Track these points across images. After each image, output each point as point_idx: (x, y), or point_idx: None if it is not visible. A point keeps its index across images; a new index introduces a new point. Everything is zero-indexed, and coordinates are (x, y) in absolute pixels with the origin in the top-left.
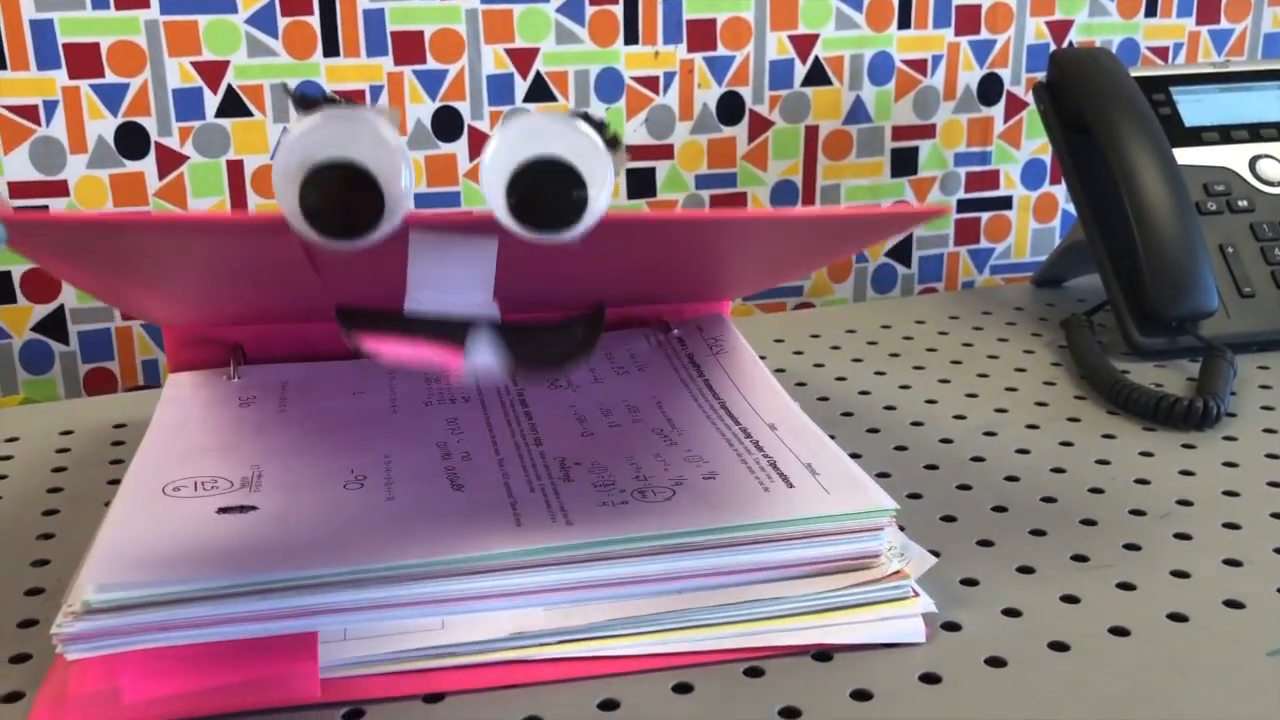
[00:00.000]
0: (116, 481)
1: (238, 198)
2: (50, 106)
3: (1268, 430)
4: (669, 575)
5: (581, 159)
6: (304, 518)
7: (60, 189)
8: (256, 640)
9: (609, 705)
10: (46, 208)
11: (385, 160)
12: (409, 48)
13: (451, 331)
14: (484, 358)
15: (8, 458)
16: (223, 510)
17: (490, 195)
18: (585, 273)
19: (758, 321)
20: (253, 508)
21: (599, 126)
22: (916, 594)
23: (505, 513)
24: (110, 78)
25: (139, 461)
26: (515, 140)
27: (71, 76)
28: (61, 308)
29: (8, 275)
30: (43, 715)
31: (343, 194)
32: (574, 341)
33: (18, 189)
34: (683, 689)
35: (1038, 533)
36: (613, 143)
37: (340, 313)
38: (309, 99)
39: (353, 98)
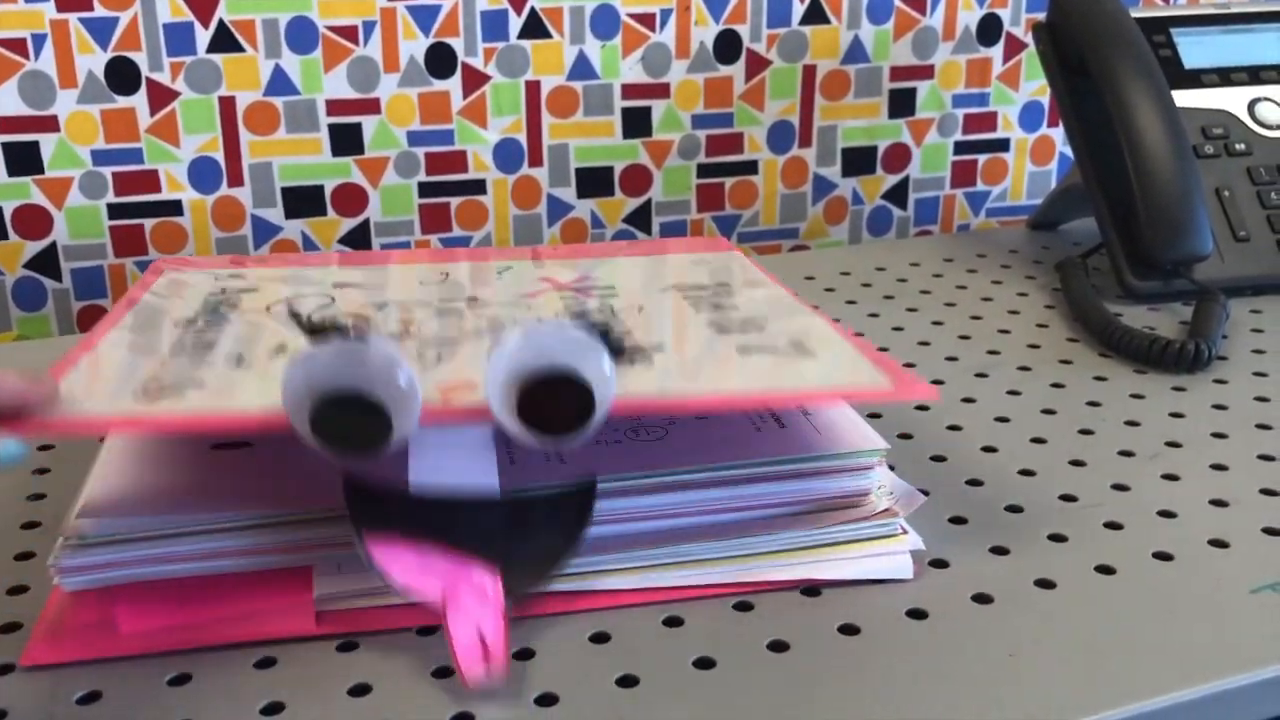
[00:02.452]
0: None
1: (230, 134)
2: (39, 40)
3: (1258, 374)
4: (660, 512)
5: (591, 375)
6: (299, 453)
7: (50, 124)
8: (252, 573)
9: (600, 638)
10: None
11: (395, 396)
12: None
13: (450, 509)
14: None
15: None
16: (218, 446)
17: (495, 403)
18: None
19: None
20: (247, 444)
21: (604, 334)
22: (905, 531)
23: (499, 450)
24: (100, 11)
25: None
26: (525, 353)
27: (60, 9)
28: (54, 244)
29: None
30: (40, 645)
31: (353, 420)
32: (564, 528)
33: (7, 124)
34: (673, 623)
35: (1027, 473)
36: (618, 351)
37: (347, 486)
38: (318, 326)
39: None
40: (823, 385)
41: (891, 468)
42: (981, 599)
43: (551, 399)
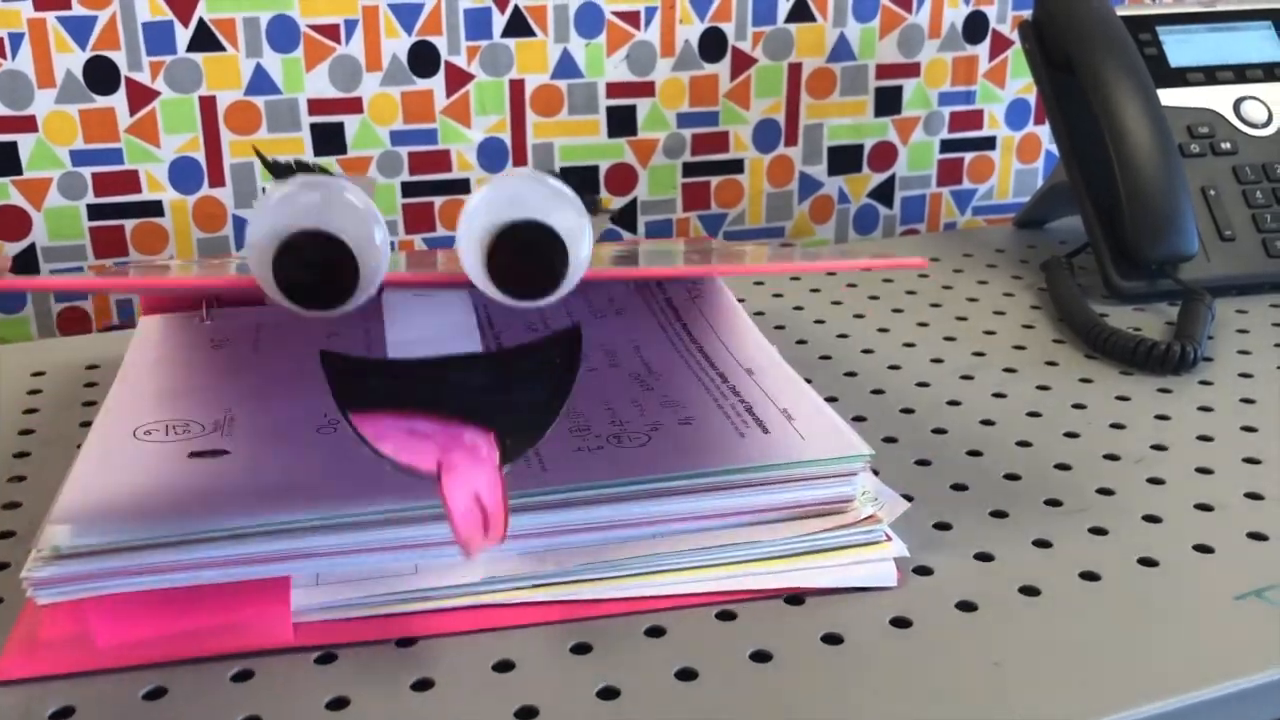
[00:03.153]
0: (89, 423)
1: (210, 134)
2: (16, 39)
3: (1243, 375)
4: (642, 520)
5: (563, 225)
6: (276, 462)
7: (29, 124)
8: (229, 585)
9: (581, 649)
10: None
11: (360, 231)
12: None
13: (434, 377)
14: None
15: None
16: (194, 454)
17: (467, 259)
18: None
19: None
20: (224, 451)
21: (580, 189)
22: (889, 538)
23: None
24: (78, 9)
25: (110, 404)
26: (496, 204)
27: (37, 8)
28: (33, 246)
29: None
30: (14, 659)
31: (318, 264)
32: (552, 376)
33: None
34: (655, 633)
35: (1011, 477)
36: (593, 206)
37: (324, 359)
38: (282, 166)
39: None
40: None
41: (876, 472)
42: (966, 606)
43: (525, 252)
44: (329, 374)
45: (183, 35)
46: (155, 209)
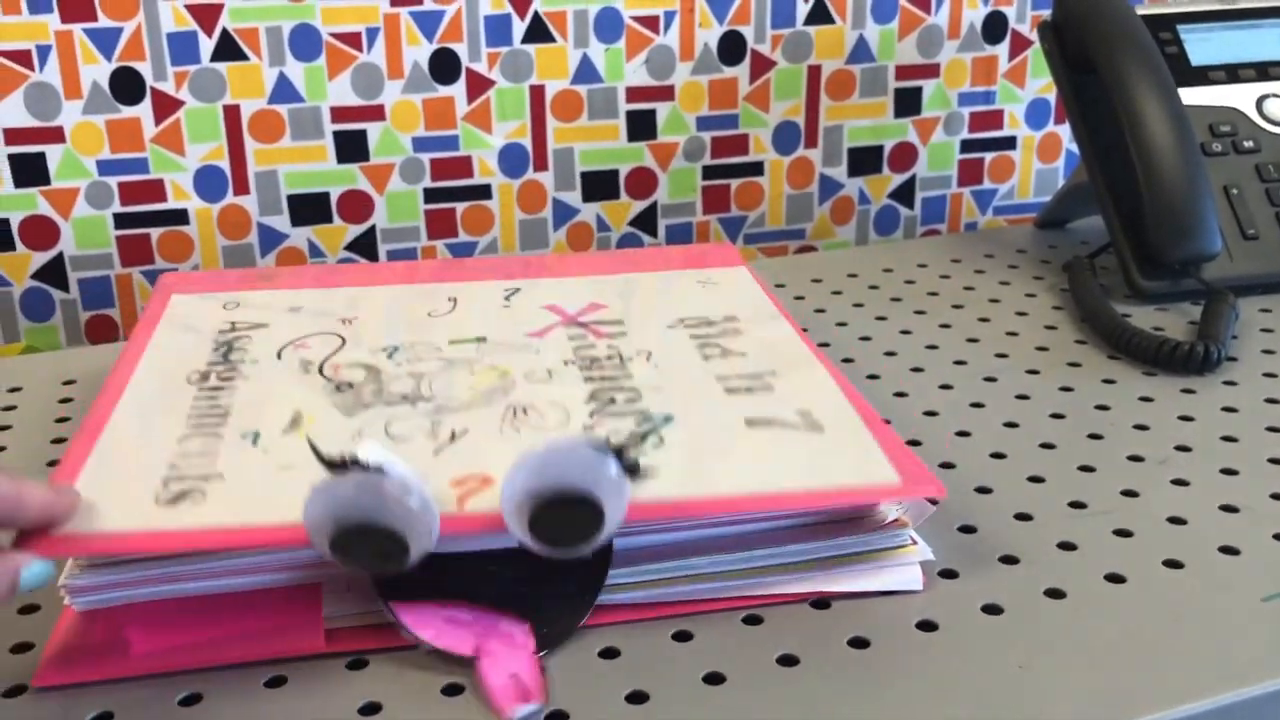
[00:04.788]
0: None
1: (235, 143)
2: (44, 51)
3: (1268, 375)
4: (670, 525)
5: (603, 492)
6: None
7: (56, 135)
8: (262, 591)
9: (609, 654)
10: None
11: (410, 521)
12: None
13: (471, 571)
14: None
15: (11, 408)
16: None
17: (510, 519)
18: None
19: (760, 266)
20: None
21: (618, 453)
22: (914, 542)
23: None
24: (104, 21)
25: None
26: (539, 466)
27: (64, 20)
28: (61, 255)
29: (6, 222)
30: (52, 666)
31: (372, 544)
32: (585, 571)
33: (13, 135)
34: (682, 637)
35: (1035, 479)
36: (632, 470)
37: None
38: (334, 463)
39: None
40: (830, 487)
41: None
42: (991, 610)
43: (564, 516)
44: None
45: (206, 45)
46: (181, 217)
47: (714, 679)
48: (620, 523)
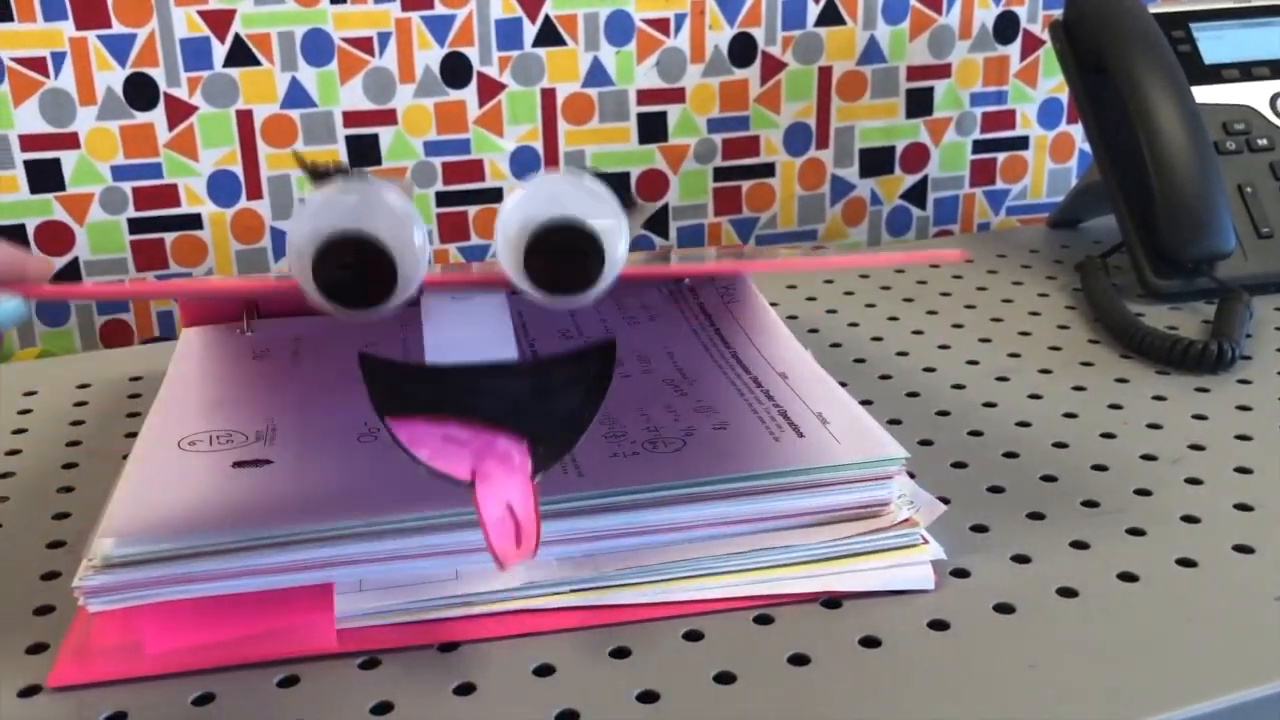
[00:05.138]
0: (134, 434)
1: (247, 147)
2: (58, 58)
3: None
4: (679, 525)
5: (600, 224)
6: (319, 470)
7: (71, 141)
8: (274, 592)
9: (620, 653)
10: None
11: (398, 232)
12: None
13: (470, 383)
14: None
15: (27, 411)
16: (238, 464)
17: (505, 257)
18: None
19: None
20: (268, 461)
21: (615, 186)
22: (926, 541)
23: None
24: (117, 28)
25: (154, 416)
26: (533, 204)
27: (79, 27)
28: (76, 260)
29: (22, 228)
30: (66, 666)
31: (357, 266)
32: (586, 386)
33: (29, 141)
34: (693, 637)
35: (1048, 479)
36: (629, 203)
37: (363, 361)
38: (321, 170)
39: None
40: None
41: (912, 475)
42: (1003, 609)
43: (562, 251)
44: (368, 378)
45: (219, 51)
46: (194, 222)
47: (724, 678)
48: (621, 263)
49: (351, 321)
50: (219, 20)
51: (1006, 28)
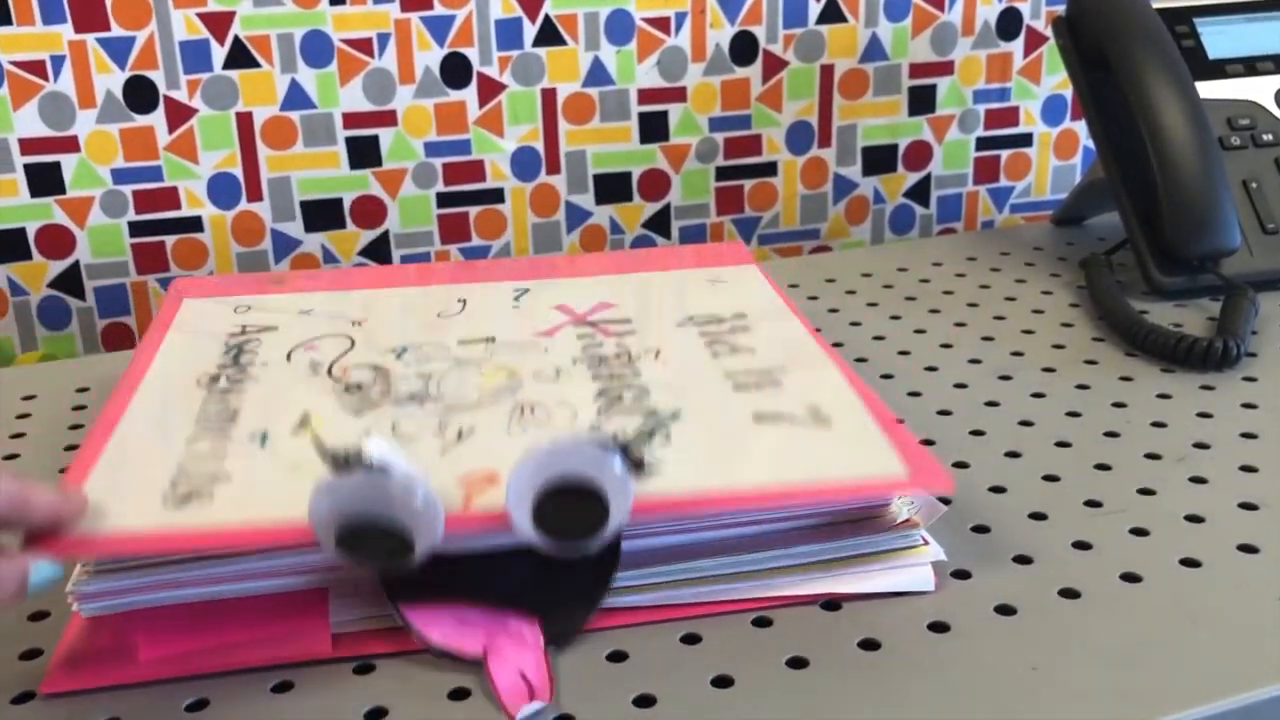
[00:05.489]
0: None
1: (247, 150)
2: (58, 61)
3: None
4: (676, 527)
5: (608, 486)
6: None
7: (71, 144)
8: (268, 597)
9: (617, 657)
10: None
11: (415, 518)
12: None
13: (480, 570)
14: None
15: (25, 416)
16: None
17: (514, 510)
18: None
19: (773, 266)
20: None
21: (624, 449)
22: (926, 542)
23: None
24: (116, 31)
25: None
26: (544, 461)
27: (78, 30)
28: (77, 263)
29: (22, 232)
30: (60, 673)
31: (377, 541)
32: (595, 566)
33: (29, 145)
34: (691, 640)
35: (1051, 478)
36: (638, 465)
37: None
38: (339, 460)
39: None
40: (838, 480)
41: None
42: (1004, 610)
43: (569, 509)
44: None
45: (219, 53)
46: (195, 225)
47: (723, 682)
48: (626, 518)
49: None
50: (218, 22)
51: (1009, 24)
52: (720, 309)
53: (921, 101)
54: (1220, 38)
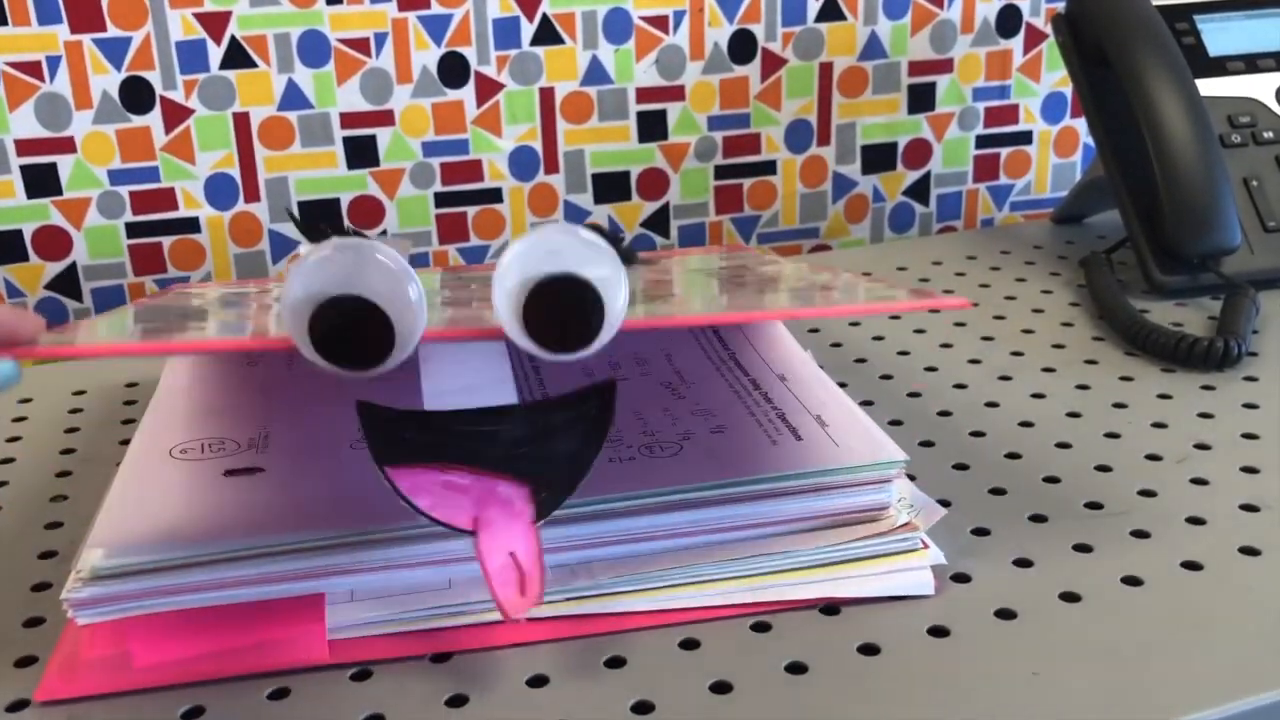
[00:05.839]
0: (128, 442)
1: (245, 150)
2: (54, 62)
3: None
4: (675, 531)
5: (599, 278)
6: (311, 479)
7: (67, 145)
8: (264, 603)
9: (616, 662)
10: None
11: (393, 291)
12: None
13: (470, 432)
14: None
15: (21, 419)
16: (230, 473)
17: (503, 314)
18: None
19: None
20: (259, 469)
21: (613, 240)
22: (926, 545)
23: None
24: (113, 31)
25: (146, 424)
26: (530, 259)
27: (74, 31)
28: (74, 265)
29: (19, 233)
30: (55, 680)
31: (353, 327)
32: (587, 428)
33: (25, 146)
34: (689, 645)
35: (1051, 480)
36: (627, 256)
37: (361, 410)
38: (315, 228)
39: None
40: (849, 301)
41: (912, 478)
42: (1005, 614)
43: (560, 306)
44: (366, 427)
45: (215, 53)
46: (192, 225)
47: (721, 688)
48: (621, 317)
49: (350, 378)
50: (215, 22)
51: (1009, 21)
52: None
53: (921, 99)
54: (1221, 35)
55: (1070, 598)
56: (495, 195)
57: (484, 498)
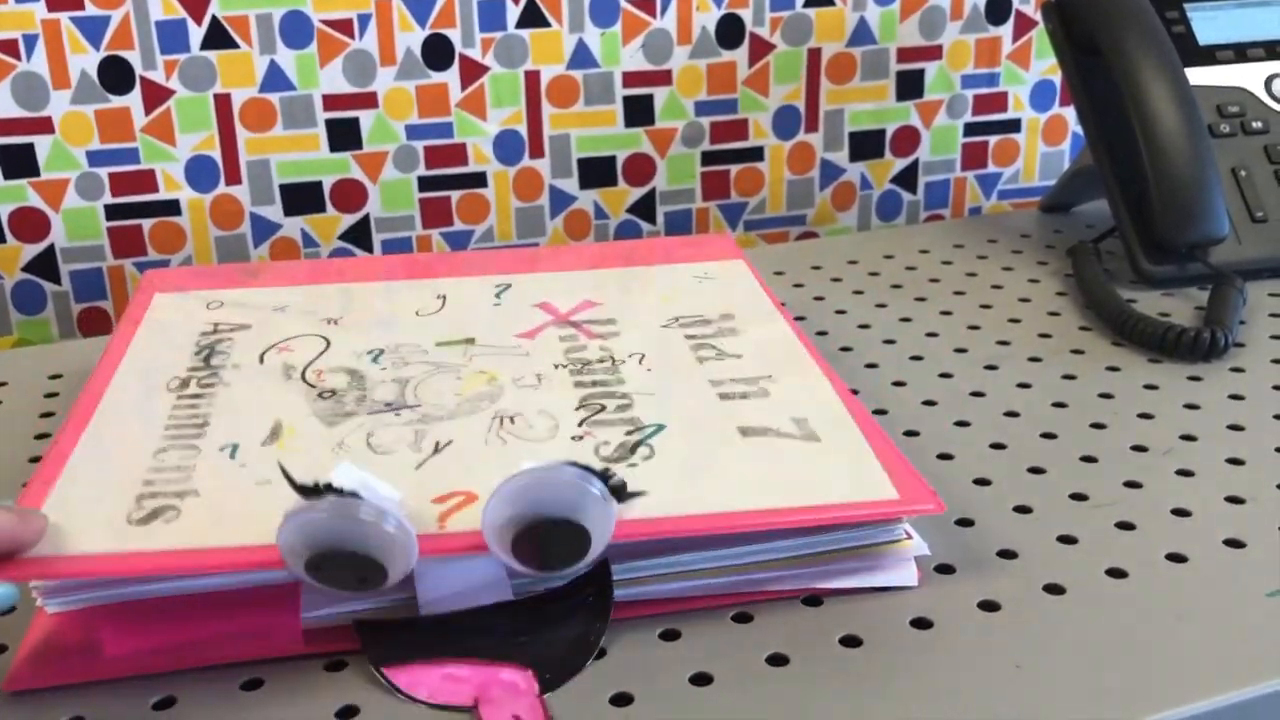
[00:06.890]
0: None
1: (226, 132)
2: (30, 40)
3: (1276, 361)
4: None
5: (587, 519)
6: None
7: (45, 125)
8: (238, 592)
9: (596, 653)
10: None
11: (387, 544)
12: None
13: (468, 627)
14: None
15: None
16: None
17: (493, 542)
18: None
19: (759, 253)
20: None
21: (603, 476)
22: (909, 537)
23: None
24: (90, 10)
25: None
26: (520, 494)
27: (50, 9)
28: (52, 247)
29: None
30: (24, 670)
31: (349, 568)
32: (587, 614)
33: (1, 126)
34: (670, 636)
35: (1036, 470)
36: (617, 491)
37: (359, 629)
38: (308, 489)
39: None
40: (826, 504)
41: None
42: (988, 606)
43: (548, 539)
44: (364, 641)
45: (196, 33)
46: (173, 208)
47: (701, 679)
48: (607, 543)
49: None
50: (195, 2)
51: (998, 8)
52: (707, 309)
53: (909, 86)
54: (1210, 24)
55: (1054, 590)
56: (480, 179)
57: (485, 681)
